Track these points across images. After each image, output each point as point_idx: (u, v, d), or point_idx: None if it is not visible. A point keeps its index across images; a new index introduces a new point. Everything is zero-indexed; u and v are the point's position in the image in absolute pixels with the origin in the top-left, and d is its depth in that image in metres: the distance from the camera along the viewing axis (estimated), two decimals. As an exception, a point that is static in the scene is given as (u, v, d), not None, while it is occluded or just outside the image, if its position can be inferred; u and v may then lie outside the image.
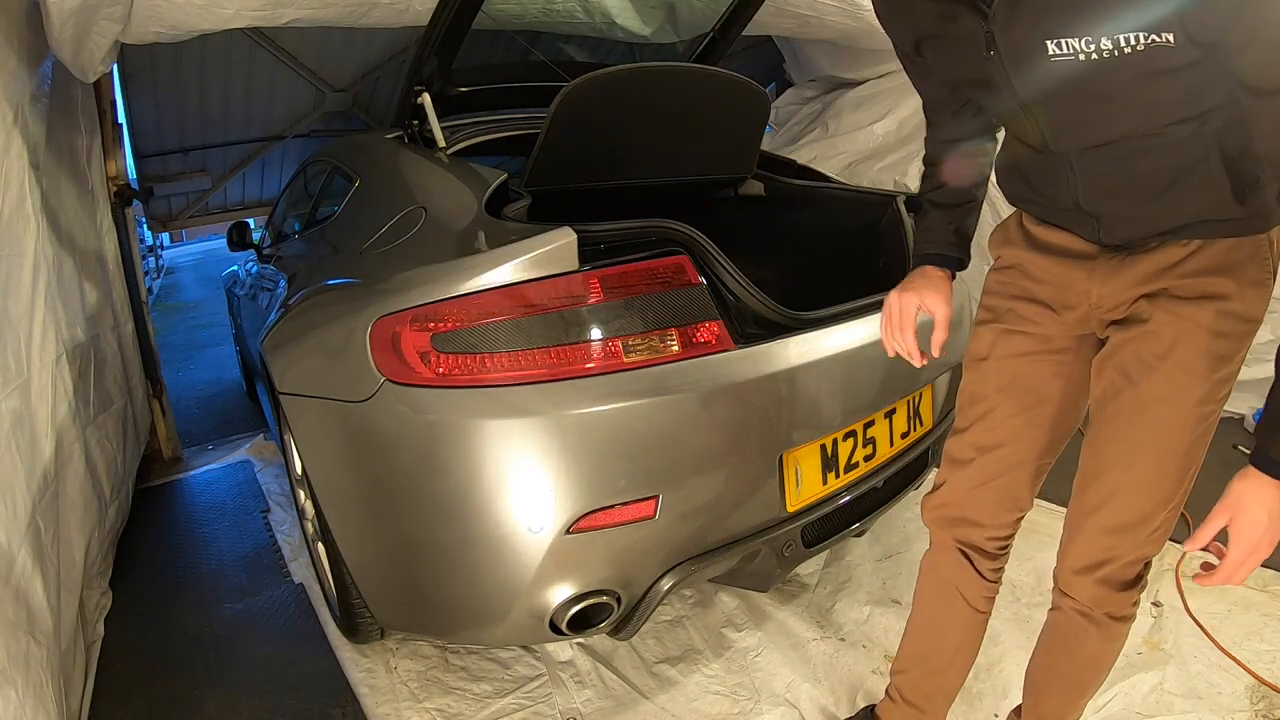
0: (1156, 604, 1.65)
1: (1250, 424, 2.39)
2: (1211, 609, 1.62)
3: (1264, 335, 2.36)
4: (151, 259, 12.55)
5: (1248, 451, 2.18)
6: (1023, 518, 1.14)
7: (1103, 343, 1.00)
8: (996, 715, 1.39)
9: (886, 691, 1.30)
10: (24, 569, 1.30)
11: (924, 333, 1.10)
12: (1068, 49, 0.78)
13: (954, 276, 1.12)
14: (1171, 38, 0.73)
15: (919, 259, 1.12)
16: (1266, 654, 1.48)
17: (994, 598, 1.18)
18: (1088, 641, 1.04)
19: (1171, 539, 1.83)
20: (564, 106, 1.45)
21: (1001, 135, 1.07)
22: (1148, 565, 1.00)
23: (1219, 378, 0.90)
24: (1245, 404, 2.46)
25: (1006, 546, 1.15)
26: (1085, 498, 0.98)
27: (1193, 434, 0.92)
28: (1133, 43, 0.75)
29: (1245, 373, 2.75)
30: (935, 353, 1.10)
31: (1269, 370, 2.76)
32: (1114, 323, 0.97)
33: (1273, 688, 1.40)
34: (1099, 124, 0.85)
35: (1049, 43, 0.79)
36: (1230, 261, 0.87)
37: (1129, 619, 1.02)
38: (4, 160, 1.61)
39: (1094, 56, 0.77)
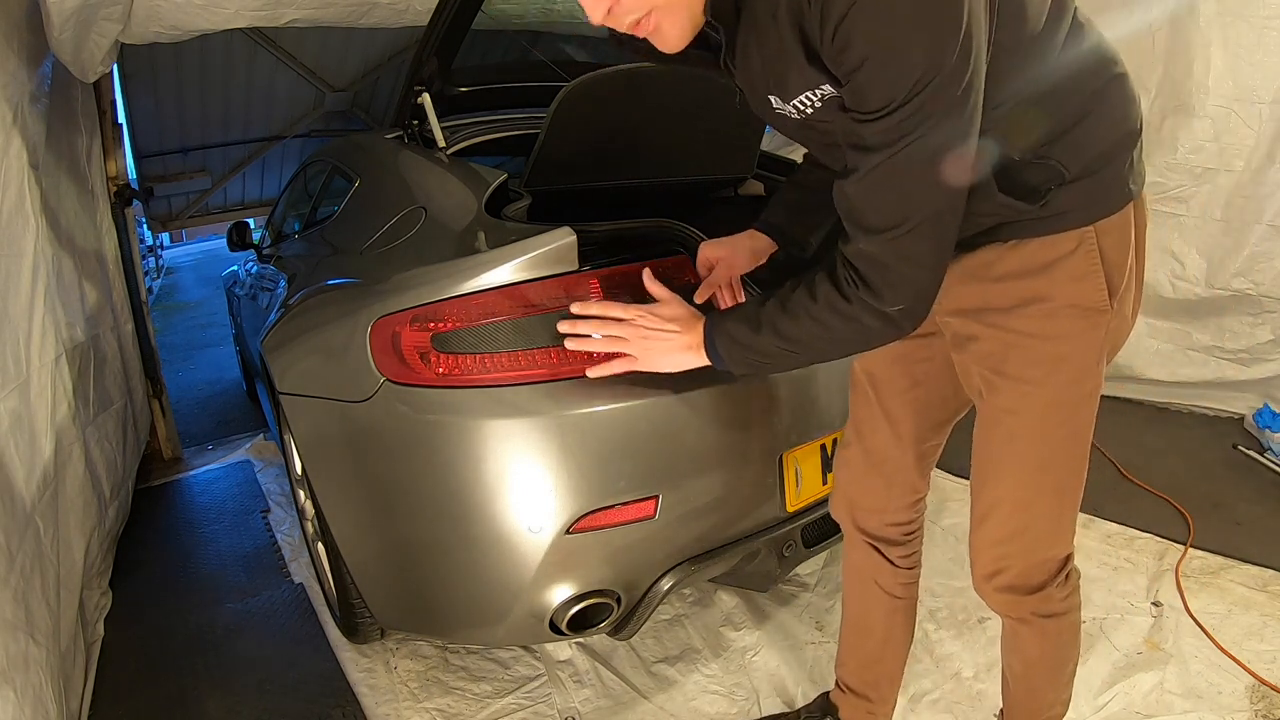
0: (1156, 604, 1.65)
1: (1250, 424, 2.39)
2: (1211, 609, 1.62)
3: (1264, 335, 2.36)
4: (151, 259, 12.56)
5: (1248, 451, 2.17)
6: (920, 501, 1.15)
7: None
8: (996, 715, 1.39)
9: (836, 682, 1.33)
10: (23, 569, 1.30)
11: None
12: (777, 105, 0.83)
13: (780, 247, 1.18)
14: (828, 89, 0.75)
15: (754, 224, 1.20)
16: (1266, 654, 1.48)
17: (913, 583, 1.21)
18: (1027, 643, 1.05)
19: (1171, 539, 1.86)
20: (564, 106, 1.45)
21: None
22: (1064, 562, 0.99)
23: (1065, 380, 0.87)
24: (1245, 404, 2.46)
25: (912, 532, 1.17)
26: (973, 511, 0.99)
27: (1054, 439, 0.90)
28: (810, 101, 0.78)
29: (1245, 372, 2.76)
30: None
31: (1269, 370, 2.74)
32: (951, 343, 0.96)
33: (1273, 688, 1.40)
34: (837, 159, 0.87)
35: (770, 98, 0.84)
36: (1046, 260, 0.84)
37: (1060, 615, 1.00)
38: (4, 160, 1.61)
39: (794, 114, 0.82)
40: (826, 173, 1.11)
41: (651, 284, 1.06)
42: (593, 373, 1.10)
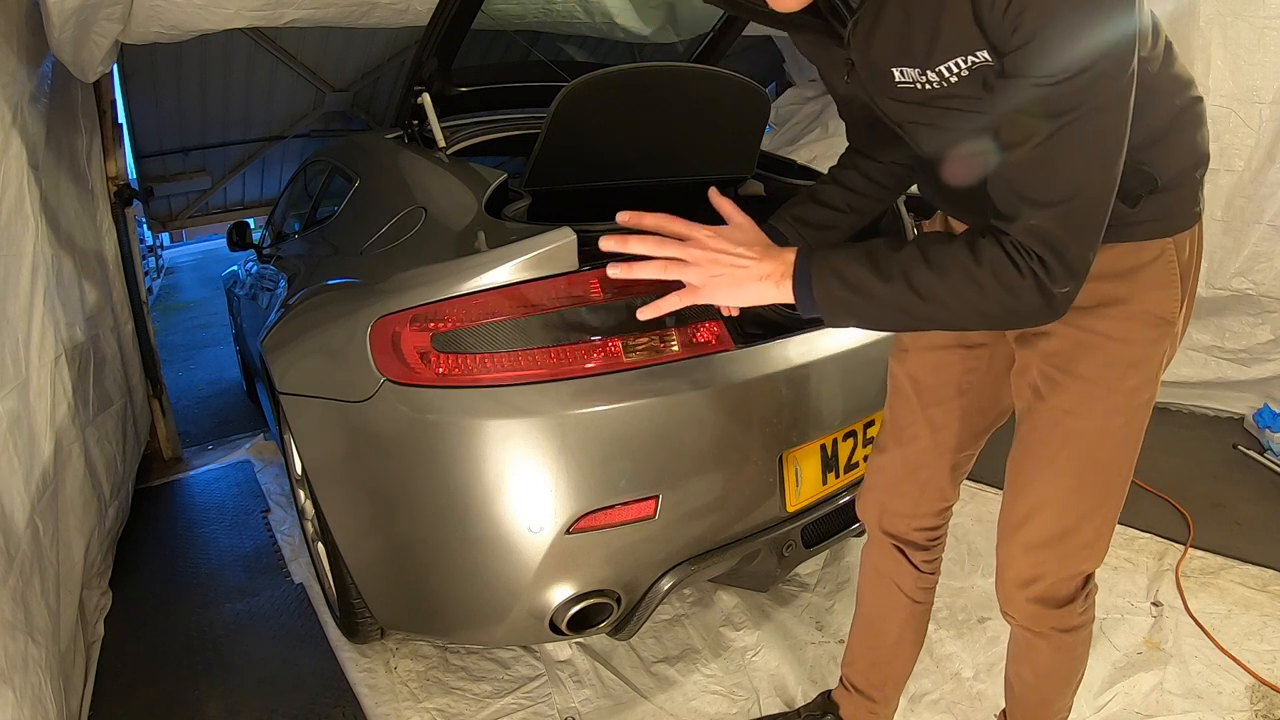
0: (1156, 604, 1.65)
1: (1250, 424, 2.39)
2: (1211, 609, 1.62)
3: (1264, 335, 2.36)
4: (151, 259, 12.56)
5: (1248, 451, 2.17)
6: (949, 509, 1.16)
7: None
8: (996, 716, 1.39)
9: (840, 681, 1.33)
10: (23, 569, 1.30)
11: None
12: (907, 77, 0.80)
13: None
14: (984, 56, 0.73)
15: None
16: (1266, 654, 1.48)
17: (932, 588, 1.22)
18: (1040, 655, 1.05)
19: (1171, 539, 1.86)
20: (564, 106, 1.45)
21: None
22: (1088, 578, 0.99)
23: (1131, 385, 0.88)
24: (1245, 404, 2.46)
25: (937, 537, 1.18)
26: (1010, 515, 0.98)
27: (1110, 444, 0.90)
28: (956, 70, 0.75)
29: (1245, 372, 2.76)
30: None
31: (1269, 370, 2.74)
32: (1018, 338, 0.95)
33: (1273, 688, 1.40)
34: (949, 140, 0.85)
35: (894, 70, 0.81)
36: (1130, 266, 0.85)
37: (1077, 629, 1.01)
38: (3, 160, 1.61)
39: (929, 85, 0.79)
40: (843, 192, 1.12)
41: (720, 201, 0.92)
42: (644, 314, 0.92)
